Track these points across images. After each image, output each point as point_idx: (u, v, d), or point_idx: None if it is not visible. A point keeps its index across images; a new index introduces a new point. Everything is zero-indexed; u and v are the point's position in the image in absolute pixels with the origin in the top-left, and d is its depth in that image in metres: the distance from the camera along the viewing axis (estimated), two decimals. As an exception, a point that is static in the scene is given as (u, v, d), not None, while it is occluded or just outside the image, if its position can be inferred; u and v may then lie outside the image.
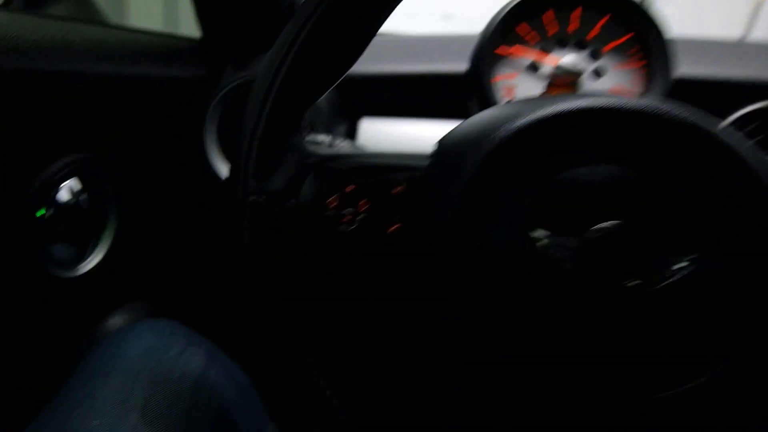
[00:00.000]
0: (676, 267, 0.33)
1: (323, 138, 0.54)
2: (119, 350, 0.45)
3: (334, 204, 0.40)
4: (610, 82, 0.59)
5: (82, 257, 0.54)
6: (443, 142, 0.39)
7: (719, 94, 0.61)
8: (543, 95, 0.49)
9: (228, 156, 0.68)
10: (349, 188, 0.40)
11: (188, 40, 0.76)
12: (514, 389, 0.37)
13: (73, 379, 0.44)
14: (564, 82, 0.58)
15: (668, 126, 0.32)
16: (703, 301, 0.33)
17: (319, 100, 0.72)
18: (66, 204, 0.52)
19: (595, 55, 0.58)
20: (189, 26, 0.77)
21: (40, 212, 0.48)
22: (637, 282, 0.32)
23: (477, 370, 0.38)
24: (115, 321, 0.62)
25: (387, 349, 0.66)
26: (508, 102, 0.42)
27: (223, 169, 0.67)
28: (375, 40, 0.42)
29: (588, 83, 0.59)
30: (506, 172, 0.35)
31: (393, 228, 0.39)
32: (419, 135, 0.71)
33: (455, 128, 0.40)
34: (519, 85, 0.59)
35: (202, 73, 0.74)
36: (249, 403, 0.49)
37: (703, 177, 0.33)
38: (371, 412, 0.66)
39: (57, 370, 0.55)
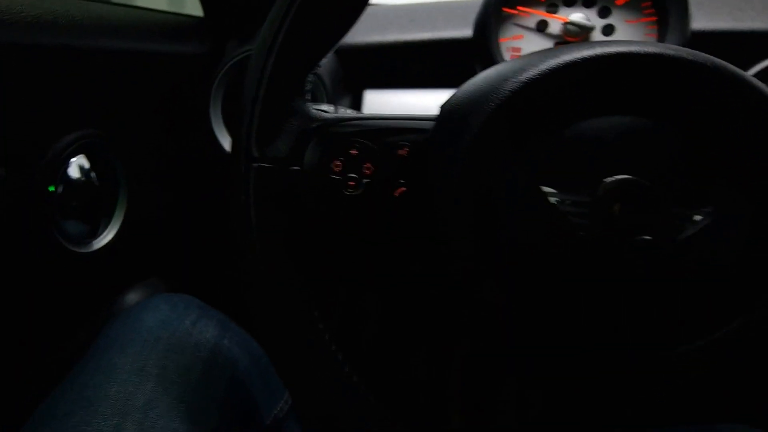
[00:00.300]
0: (695, 220, 0.32)
1: (327, 107, 0.53)
2: (136, 322, 0.46)
3: (339, 168, 0.39)
4: (621, 39, 0.57)
5: (96, 233, 0.55)
6: (448, 104, 0.39)
7: (738, 47, 0.58)
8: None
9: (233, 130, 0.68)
10: (353, 152, 0.40)
11: (190, 18, 0.75)
12: (527, 352, 0.36)
13: (92, 350, 0.45)
14: (573, 40, 0.57)
15: (692, 71, 0.31)
16: (723, 256, 0.32)
17: (321, 73, 0.71)
18: (77, 181, 0.52)
19: (605, 12, 0.56)
20: (193, 7, 0.77)
21: (51, 188, 0.48)
22: (653, 237, 0.31)
23: (488, 335, 0.38)
24: (132, 297, 0.64)
25: (400, 317, 0.66)
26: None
27: (228, 144, 0.67)
28: (377, 9, 0.41)
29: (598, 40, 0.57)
30: (514, 127, 0.34)
31: (399, 191, 0.39)
32: (425, 105, 0.70)
33: (459, 89, 0.39)
34: (526, 45, 0.57)
35: (205, 49, 0.73)
36: (263, 372, 0.50)
37: (731, 124, 0.31)
38: (383, 384, 0.67)
39: (77, 342, 0.57)
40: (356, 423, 0.37)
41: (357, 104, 0.75)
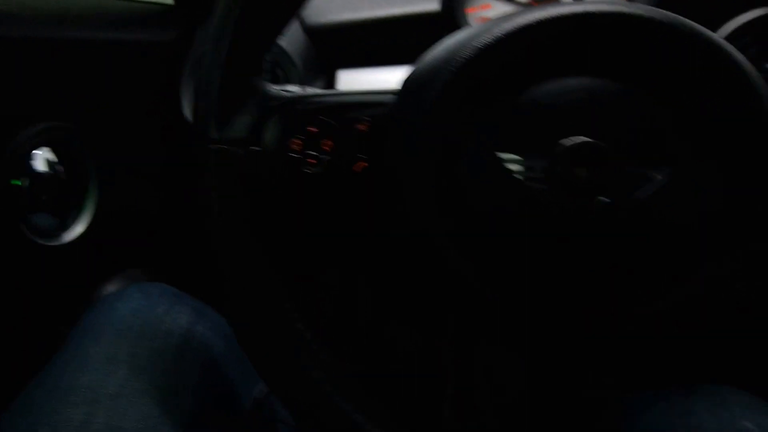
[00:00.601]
0: (653, 180, 0.32)
1: (292, 87, 0.53)
2: (108, 312, 0.46)
3: (298, 147, 0.39)
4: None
5: (65, 226, 0.55)
6: (408, 76, 0.38)
7: (712, 6, 0.58)
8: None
9: (192, 113, 0.67)
10: (313, 129, 0.39)
11: (159, 5, 0.74)
12: (496, 320, 0.36)
13: (67, 341, 0.45)
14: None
15: (649, 28, 0.30)
16: (683, 214, 0.32)
17: (292, 54, 0.70)
18: (44, 174, 0.52)
19: (572, -23, 0.55)
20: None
21: (15, 181, 0.48)
22: (612, 198, 0.31)
23: (459, 307, 0.38)
24: (111, 288, 0.63)
25: (374, 292, 0.66)
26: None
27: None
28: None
29: (567, 7, 0.56)
30: (471, 95, 0.33)
31: (359, 166, 0.38)
32: (400, 82, 0.69)
33: (420, 60, 0.39)
34: (494, 15, 0.56)
35: (175, 37, 0.72)
36: (240, 356, 0.50)
37: (687, 81, 0.31)
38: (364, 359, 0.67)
39: (57, 335, 0.56)
40: (331, 404, 0.36)
41: (331, 85, 0.74)
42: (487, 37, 0.32)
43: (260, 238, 0.37)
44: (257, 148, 0.39)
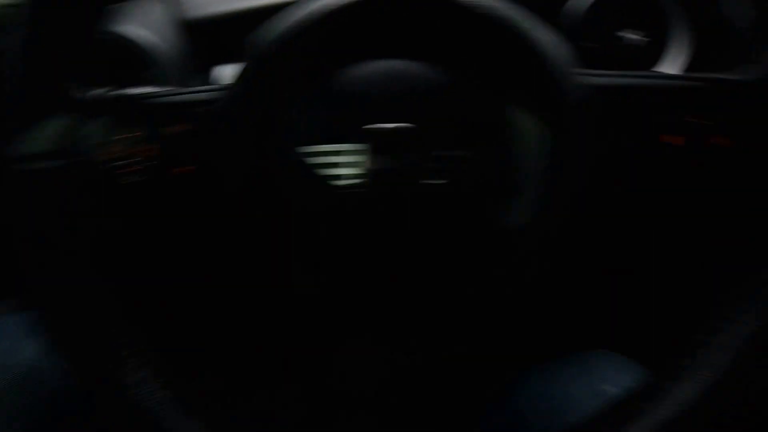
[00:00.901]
0: (460, 161, 0.31)
1: (146, 89, 0.49)
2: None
3: (118, 155, 0.36)
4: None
5: None
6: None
7: None
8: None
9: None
10: (134, 134, 0.36)
11: (12, 6, 0.68)
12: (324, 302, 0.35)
13: None
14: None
15: (438, 7, 0.29)
16: (491, 191, 0.31)
17: (167, 53, 0.66)
18: None
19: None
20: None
21: None
22: (421, 181, 0.30)
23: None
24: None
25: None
26: None
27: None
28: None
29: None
30: (278, 85, 0.31)
31: (184, 170, 0.35)
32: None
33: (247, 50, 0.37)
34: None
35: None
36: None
37: (485, 57, 0.30)
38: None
39: None
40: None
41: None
42: (284, 25, 0.31)
43: (73, 257, 0.33)
44: (67, 161, 0.35)
